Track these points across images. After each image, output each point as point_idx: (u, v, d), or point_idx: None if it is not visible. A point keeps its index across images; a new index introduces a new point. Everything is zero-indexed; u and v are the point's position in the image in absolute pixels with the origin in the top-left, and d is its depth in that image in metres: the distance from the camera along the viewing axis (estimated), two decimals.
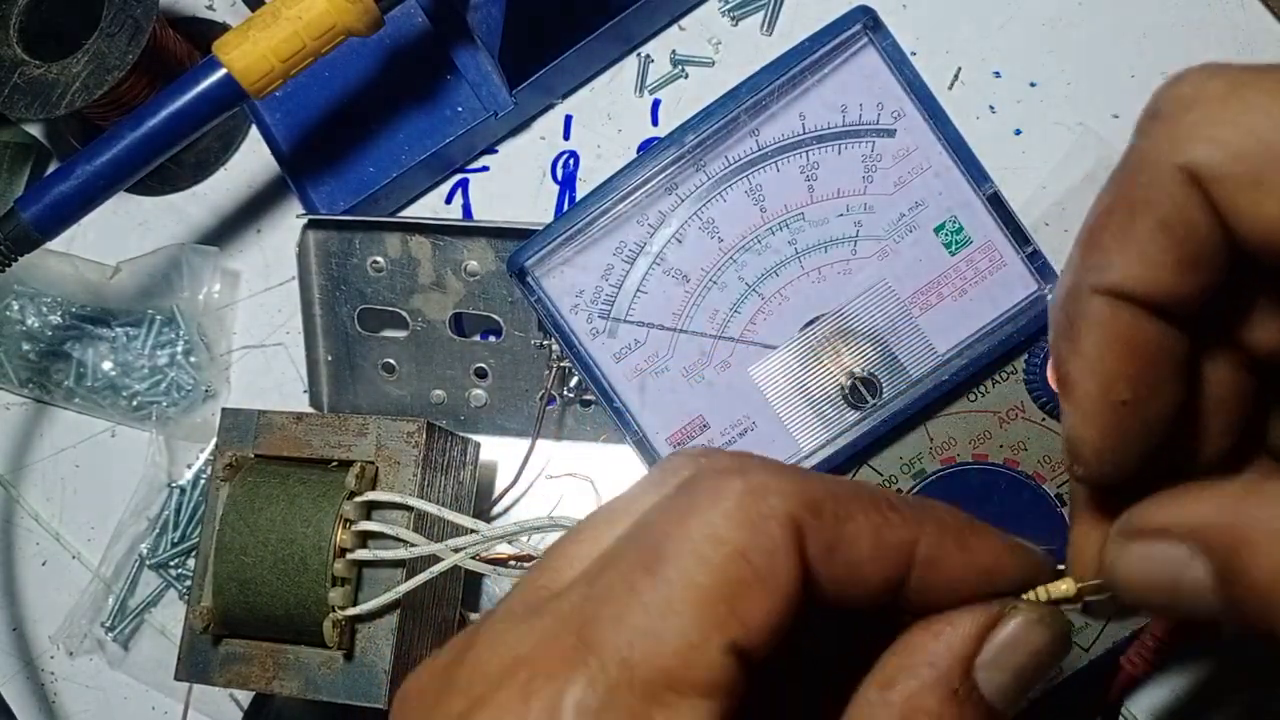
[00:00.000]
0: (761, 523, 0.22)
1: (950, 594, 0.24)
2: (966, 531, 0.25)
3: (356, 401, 0.55)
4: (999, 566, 0.25)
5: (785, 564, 0.22)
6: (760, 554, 0.22)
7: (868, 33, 0.42)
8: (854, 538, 0.23)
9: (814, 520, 0.23)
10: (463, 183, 0.58)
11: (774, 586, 0.22)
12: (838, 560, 0.23)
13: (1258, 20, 0.54)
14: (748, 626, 0.22)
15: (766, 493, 0.23)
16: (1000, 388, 0.44)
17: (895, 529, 0.23)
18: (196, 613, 0.45)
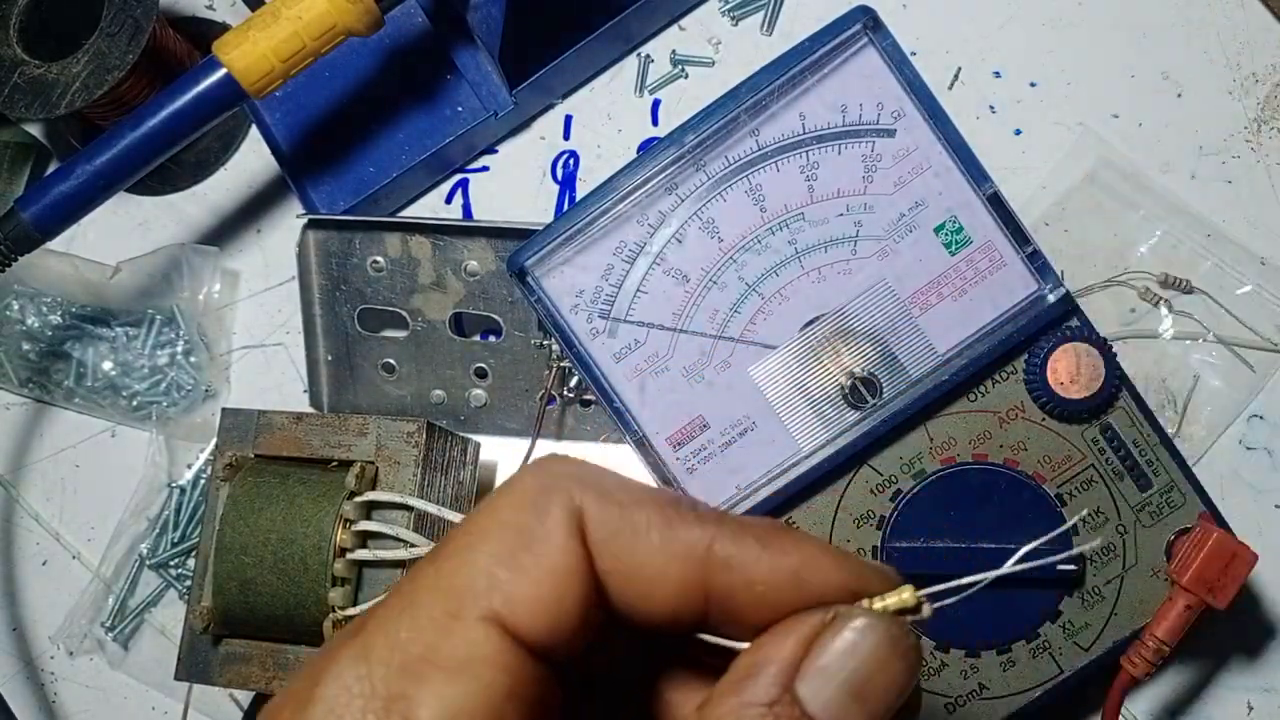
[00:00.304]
0: (538, 499, 0.22)
1: (761, 605, 0.23)
2: (772, 533, 0.23)
3: (356, 401, 0.55)
4: (813, 569, 0.23)
5: (557, 537, 0.22)
6: (529, 526, 0.22)
7: (868, 33, 0.42)
8: (641, 527, 0.22)
9: (599, 504, 0.22)
10: (463, 183, 0.58)
11: (542, 555, 0.21)
12: (623, 552, 0.22)
13: (1258, 20, 0.54)
14: (510, 598, 0.21)
15: (552, 476, 0.23)
16: (1000, 388, 0.44)
17: (687, 524, 0.23)
18: (196, 613, 0.45)
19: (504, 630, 0.21)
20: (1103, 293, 0.52)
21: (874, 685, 0.22)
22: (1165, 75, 0.54)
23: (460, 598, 0.21)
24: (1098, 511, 0.44)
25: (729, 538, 0.23)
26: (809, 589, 0.23)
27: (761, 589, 0.23)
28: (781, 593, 0.23)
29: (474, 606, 0.21)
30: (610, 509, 0.22)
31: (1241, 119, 0.54)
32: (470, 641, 0.21)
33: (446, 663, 0.21)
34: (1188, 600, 0.42)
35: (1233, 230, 0.52)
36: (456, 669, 0.21)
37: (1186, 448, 0.50)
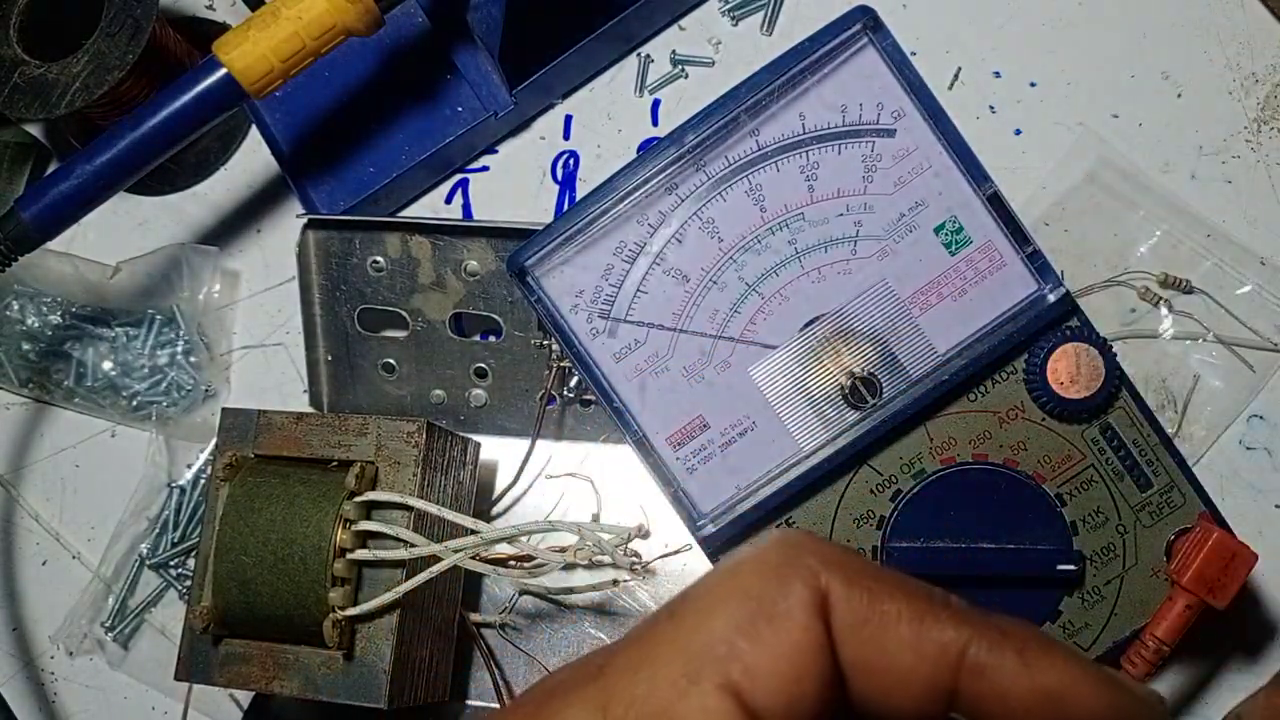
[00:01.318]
0: (782, 570, 0.21)
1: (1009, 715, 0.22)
2: (1032, 644, 0.22)
3: (356, 401, 0.55)
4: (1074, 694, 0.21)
5: (800, 614, 0.21)
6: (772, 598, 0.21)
7: (868, 33, 0.42)
8: (889, 619, 0.21)
9: (845, 589, 0.21)
10: (463, 183, 0.58)
11: (783, 632, 0.21)
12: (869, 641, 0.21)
13: (1258, 20, 0.54)
14: (749, 670, 0.20)
15: (800, 550, 0.22)
16: (1000, 388, 0.44)
17: (941, 623, 0.21)
18: (196, 613, 0.45)
19: (740, 702, 0.20)
20: (1103, 293, 0.52)
21: None
22: (1165, 75, 0.54)
23: (699, 661, 0.21)
24: (1097, 511, 0.44)
25: (986, 644, 0.21)
26: (1066, 713, 0.21)
27: (1014, 706, 0.21)
28: (1034, 713, 0.21)
29: (713, 673, 0.21)
30: (859, 594, 0.21)
31: (1241, 119, 0.54)
32: (707, 710, 0.20)
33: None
34: (1188, 600, 0.42)
35: (1233, 230, 0.52)
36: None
37: (1186, 448, 0.50)
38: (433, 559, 0.43)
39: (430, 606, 0.46)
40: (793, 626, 0.21)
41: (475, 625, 0.51)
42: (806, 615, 0.21)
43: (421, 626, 0.45)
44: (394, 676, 0.43)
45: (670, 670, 0.21)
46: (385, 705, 0.43)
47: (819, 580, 0.21)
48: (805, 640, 0.21)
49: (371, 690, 0.43)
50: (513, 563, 0.49)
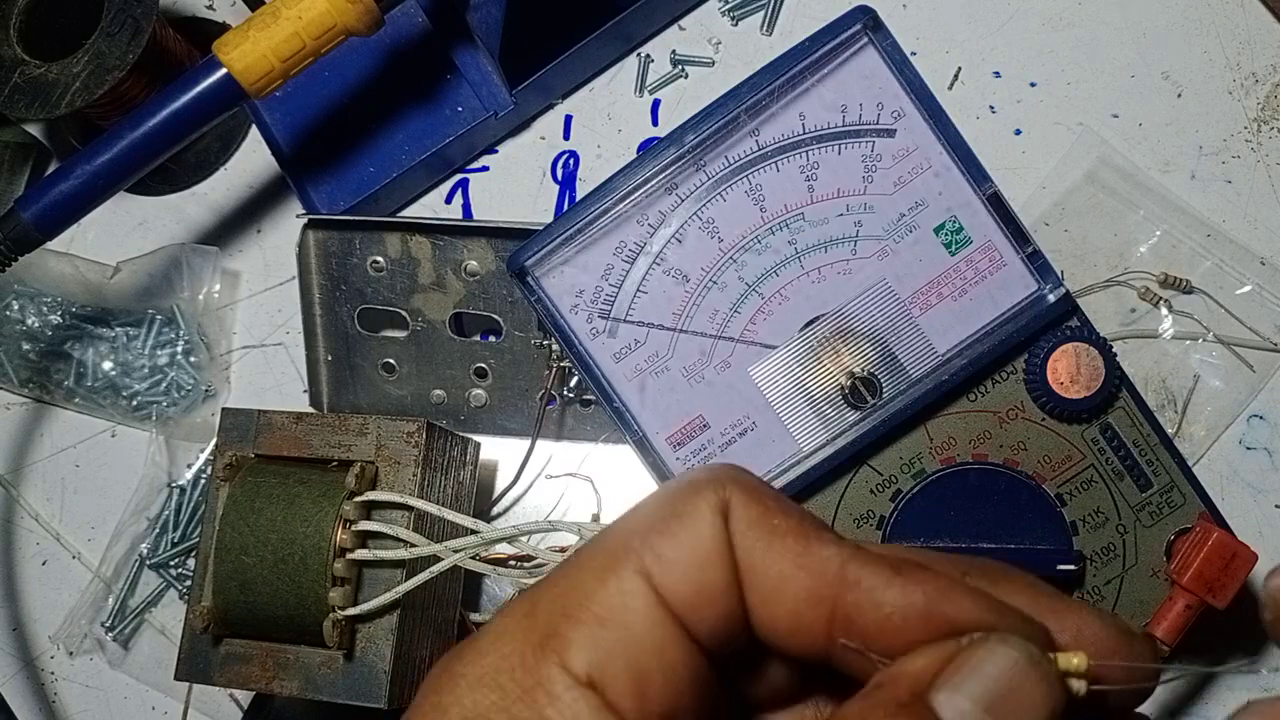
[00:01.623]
0: (694, 483, 0.24)
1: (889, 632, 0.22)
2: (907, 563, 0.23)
3: (356, 401, 0.55)
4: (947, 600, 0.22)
5: (705, 513, 0.23)
6: (682, 503, 0.23)
7: (868, 33, 0.42)
8: (778, 532, 0.23)
9: (744, 498, 0.24)
10: (463, 183, 0.58)
11: (690, 527, 0.23)
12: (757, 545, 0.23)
13: (1258, 20, 0.54)
14: (660, 557, 0.23)
15: (713, 470, 0.24)
16: (1000, 388, 0.44)
17: (824, 542, 0.23)
18: (196, 613, 0.45)
19: (651, 585, 0.23)
20: (1103, 293, 0.52)
21: (1011, 704, 0.21)
22: (1165, 75, 0.54)
23: (615, 554, 0.23)
24: (1097, 511, 0.44)
25: (862, 561, 0.23)
26: (940, 619, 0.22)
27: (889, 612, 0.22)
28: (910, 620, 0.22)
29: (627, 561, 0.23)
30: (755, 506, 0.24)
31: (1241, 119, 0.54)
32: (622, 592, 0.22)
33: (599, 610, 0.22)
34: (1188, 600, 0.42)
35: (1233, 230, 0.52)
36: (608, 616, 0.22)
37: (1186, 448, 0.50)
38: (433, 559, 0.43)
39: (430, 606, 0.46)
40: (699, 522, 0.23)
41: (475, 625, 0.51)
42: (711, 514, 0.23)
43: (421, 626, 0.45)
44: (394, 676, 0.43)
45: (591, 564, 0.23)
46: (385, 705, 0.43)
47: (724, 491, 0.24)
48: (709, 534, 0.23)
49: (371, 690, 0.43)
50: (513, 563, 0.49)
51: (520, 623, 0.23)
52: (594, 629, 0.22)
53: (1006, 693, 0.21)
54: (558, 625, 0.22)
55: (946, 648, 0.22)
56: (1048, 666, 0.22)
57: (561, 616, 0.22)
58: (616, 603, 0.22)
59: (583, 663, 0.22)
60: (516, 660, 0.22)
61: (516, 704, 0.22)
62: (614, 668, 0.22)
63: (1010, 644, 0.22)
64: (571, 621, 0.22)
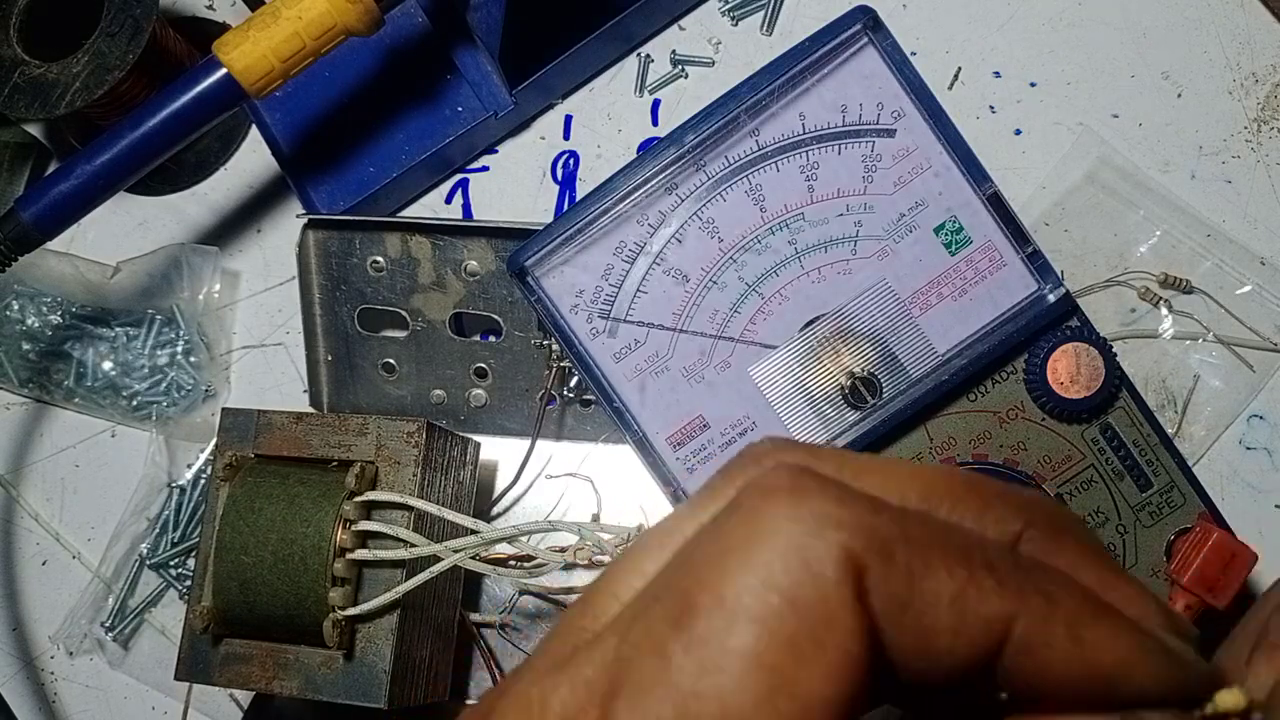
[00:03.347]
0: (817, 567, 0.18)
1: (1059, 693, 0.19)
2: (1085, 615, 0.19)
3: (356, 401, 0.55)
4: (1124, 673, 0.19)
5: (846, 620, 0.18)
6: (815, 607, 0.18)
7: (868, 33, 0.42)
8: (932, 599, 0.18)
9: (882, 568, 0.18)
10: (463, 183, 0.58)
11: (833, 647, 0.18)
12: (908, 624, 0.18)
13: (1258, 20, 0.54)
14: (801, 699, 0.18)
15: (824, 527, 0.18)
16: (1000, 388, 0.44)
17: (984, 594, 0.19)
18: (196, 613, 0.45)
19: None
20: (1103, 293, 0.52)
21: None
22: (1165, 75, 0.54)
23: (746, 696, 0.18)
24: (1097, 511, 0.44)
25: (1033, 618, 0.19)
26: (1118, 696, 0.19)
27: (1061, 686, 0.19)
28: (1082, 691, 0.19)
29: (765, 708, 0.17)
30: (898, 576, 0.18)
31: (1241, 119, 0.54)
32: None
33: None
34: (1188, 600, 0.42)
35: (1233, 230, 0.52)
36: None
37: (1186, 448, 0.50)
38: (433, 559, 0.43)
39: (430, 606, 0.46)
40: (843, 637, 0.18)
41: (475, 625, 0.51)
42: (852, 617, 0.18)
43: (421, 626, 0.45)
44: (394, 676, 0.43)
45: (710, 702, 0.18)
46: (385, 705, 0.43)
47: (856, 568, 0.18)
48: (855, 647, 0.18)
49: (371, 690, 0.43)
50: (513, 563, 0.49)
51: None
52: None
53: None
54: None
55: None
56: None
57: None
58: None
59: None
60: None
61: None
62: None
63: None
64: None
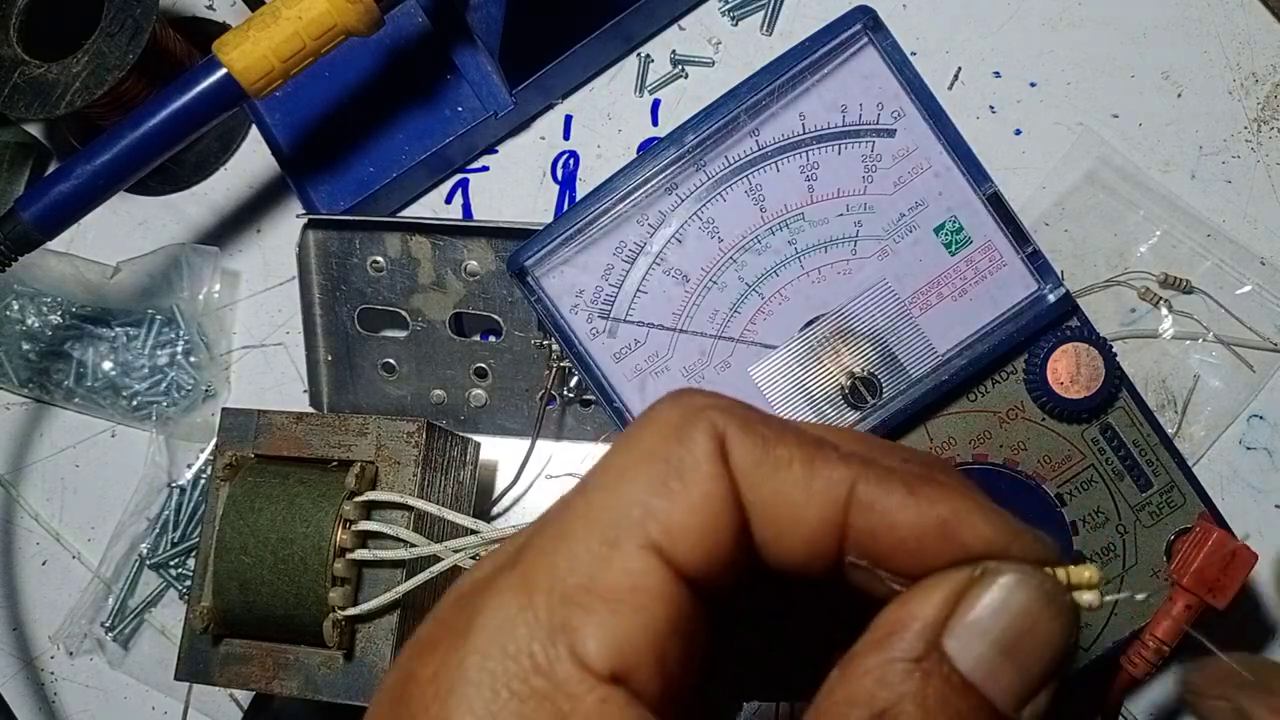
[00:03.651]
0: (682, 427, 0.22)
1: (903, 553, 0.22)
2: (921, 479, 0.22)
3: (356, 401, 0.55)
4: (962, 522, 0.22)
5: (706, 464, 0.21)
6: (678, 454, 0.21)
7: (868, 33, 0.42)
8: (782, 461, 0.22)
9: (742, 434, 0.22)
10: (463, 183, 0.58)
11: (693, 485, 0.21)
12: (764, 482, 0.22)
13: (1258, 20, 0.54)
14: (667, 527, 0.21)
15: (693, 405, 0.22)
16: (1000, 388, 0.44)
17: (830, 463, 0.22)
18: (196, 613, 0.45)
19: (662, 559, 0.21)
20: (1103, 293, 0.52)
21: (1027, 643, 0.21)
22: (1165, 75, 0.54)
23: (616, 527, 0.21)
24: (1098, 511, 0.44)
25: (874, 480, 0.22)
26: (956, 542, 0.22)
27: (904, 535, 0.22)
28: (925, 542, 0.22)
29: (632, 535, 0.21)
30: (754, 439, 0.22)
31: (1241, 119, 0.54)
32: (631, 572, 0.21)
33: (608, 594, 0.20)
34: (1188, 600, 0.42)
35: (1233, 230, 0.52)
36: (619, 600, 0.20)
37: (1186, 448, 0.50)
38: (433, 559, 0.43)
39: (430, 607, 0.46)
40: (701, 478, 0.21)
41: None
42: (712, 465, 0.21)
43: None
44: None
45: (589, 541, 0.21)
46: None
47: (715, 425, 0.22)
48: (715, 489, 0.21)
49: (371, 690, 0.43)
50: None
51: (519, 615, 0.20)
52: (607, 616, 0.20)
53: (1021, 632, 0.21)
54: (566, 616, 0.20)
55: (957, 582, 0.21)
56: (1060, 599, 0.21)
57: (566, 604, 0.20)
58: (626, 584, 0.21)
59: (602, 657, 0.20)
60: (527, 663, 0.20)
61: (536, 712, 0.20)
62: (635, 655, 0.20)
63: (1021, 578, 0.21)
64: (580, 610, 0.20)
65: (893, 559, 0.22)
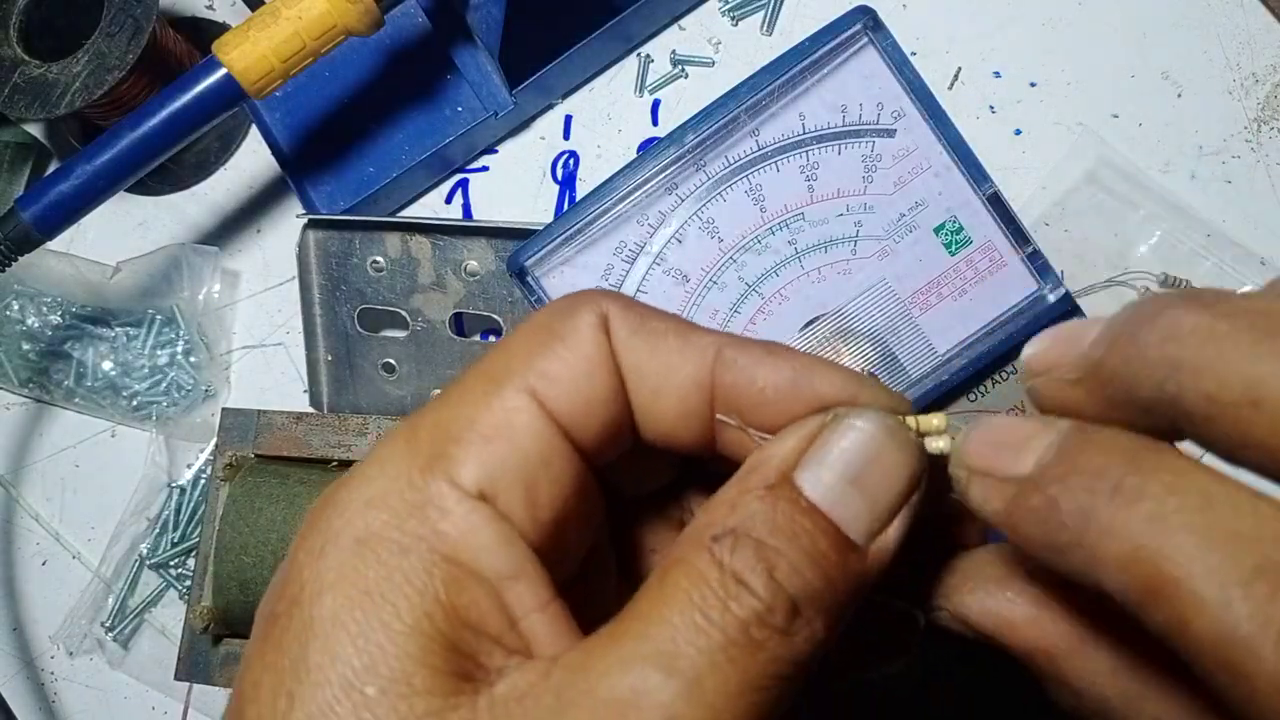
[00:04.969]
0: (568, 305, 0.24)
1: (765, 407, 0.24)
2: (777, 345, 0.25)
3: (356, 401, 0.55)
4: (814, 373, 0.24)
5: (585, 330, 0.24)
6: (561, 324, 0.24)
7: (868, 33, 0.42)
8: (658, 332, 0.24)
9: (622, 310, 0.24)
10: (463, 183, 0.58)
11: (573, 344, 0.24)
12: (641, 346, 0.24)
13: (1258, 20, 0.54)
14: (545, 375, 0.23)
15: (582, 294, 0.25)
16: (1000, 388, 0.44)
17: (699, 333, 0.25)
18: (196, 613, 0.45)
19: (539, 403, 0.23)
20: (1103, 293, 0.52)
21: (872, 473, 0.23)
22: (1165, 75, 0.54)
23: (497, 377, 0.23)
24: None
25: (737, 345, 0.24)
26: (810, 391, 0.24)
27: (763, 386, 0.24)
28: (783, 393, 0.24)
29: (511, 381, 0.23)
30: (634, 314, 0.24)
31: (1241, 119, 0.54)
32: (506, 409, 0.23)
33: (485, 429, 0.23)
34: None
35: (1233, 230, 0.52)
36: (494, 433, 0.22)
37: (1186, 448, 0.50)
38: None
39: None
40: (580, 340, 0.24)
41: None
42: (592, 331, 0.24)
43: None
44: None
45: (473, 388, 0.23)
46: None
47: (600, 306, 0.24)
48: (592, 350, 0.24)
49: None
50: None
51: (403, 448, 0.23)
52: (481, 446, 0.22)
53: (866, 463, 0.23)
54: (444, 446, 0.22)
55: (811, 426, 0.23)
56: (903, 435, 0.23)
57: (446, 439, 0.22)
58: (501, 420, 0.23)
59: (472, 478, 0.22)
60: (404, 482, 0.22)
61: (409, 520, 0.22)
62: (504, 480, 0.22)
63: (867, 417, 0.23)
64: (458, 442, 0.22)
65: (756, 414, 0.24)
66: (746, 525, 0.21)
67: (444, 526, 0.22)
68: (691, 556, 0.21)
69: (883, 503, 0.23)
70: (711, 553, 0.21)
